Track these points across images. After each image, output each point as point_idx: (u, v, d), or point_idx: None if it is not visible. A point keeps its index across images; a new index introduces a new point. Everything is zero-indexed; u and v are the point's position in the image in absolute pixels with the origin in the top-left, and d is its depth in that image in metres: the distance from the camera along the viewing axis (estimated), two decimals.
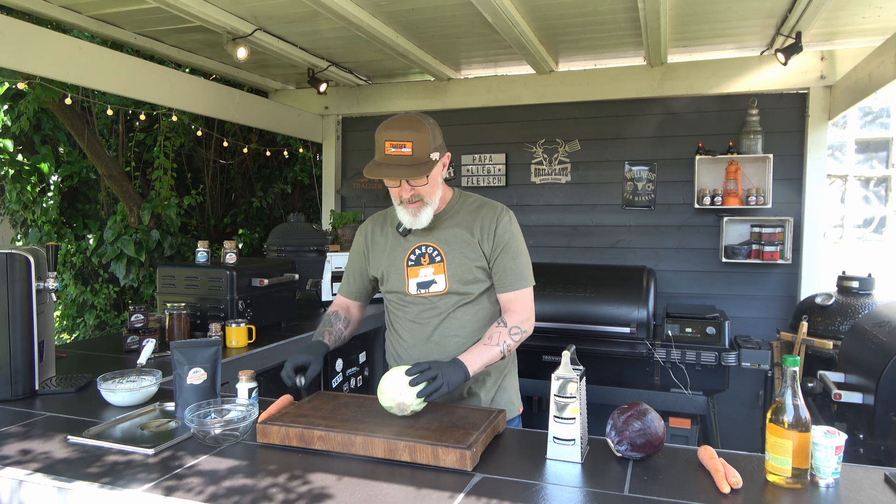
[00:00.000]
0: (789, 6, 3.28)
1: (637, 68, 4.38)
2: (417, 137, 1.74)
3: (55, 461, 1.43)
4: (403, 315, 2.00)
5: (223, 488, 1.30)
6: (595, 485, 1.34)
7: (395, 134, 1.75)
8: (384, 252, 2.00)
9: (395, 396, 1.60)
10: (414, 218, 1.85)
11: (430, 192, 1.84)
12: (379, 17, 3.48)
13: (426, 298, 1.93)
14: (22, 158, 5.29)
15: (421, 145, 1.75)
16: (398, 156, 1.74)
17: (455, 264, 1.90)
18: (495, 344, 1.82)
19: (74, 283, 5.52)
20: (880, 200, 4.74)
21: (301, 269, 3.41)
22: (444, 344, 1.93)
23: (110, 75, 3.48)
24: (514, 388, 2.08)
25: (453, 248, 1.91)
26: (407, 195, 1.82)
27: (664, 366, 3.78)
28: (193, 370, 1.73)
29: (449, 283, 1.90)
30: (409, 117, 1.80)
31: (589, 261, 4.58)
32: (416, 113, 1.84)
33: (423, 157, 1.76)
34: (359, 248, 2.09)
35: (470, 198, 2.01)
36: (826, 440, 1.32)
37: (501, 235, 1.90)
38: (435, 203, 1.88)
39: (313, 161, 5.88)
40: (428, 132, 1.77)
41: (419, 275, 1.92)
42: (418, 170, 1.75)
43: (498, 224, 1.91)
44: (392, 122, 1.79)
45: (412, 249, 1.94)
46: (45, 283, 1.97)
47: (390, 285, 1.99)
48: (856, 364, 2.73)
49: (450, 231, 1.93)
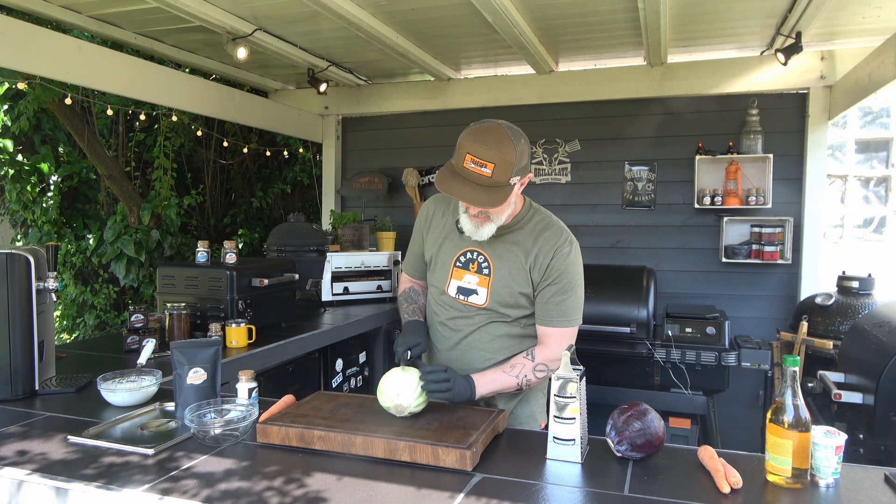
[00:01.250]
0: (789, 6, 3.27)
1: (637, 68, 4.38)
2: (502, 160, 1.60)
3: (55, 461, 1.43)
4: (437, 315, 1.94)
5: (223, 488, 1.30)
6: (595, 485, 1.34)
7: (480, 150, 1.60)
8: (438, 239, 1.92)
9: (393, 398, 1.60)
10: (476, 230, 1.76)
11: (500, 211, 1.74)
12: (379, 17, 3.48)
13: (463, 305, 1.87)
14: (22, 158, 5.29)
15: (503, 169, 1.61)
16: (476, 174, 1.61)
17: (500, 283, 1.82)
18: (515, 375, 1.77)
19: (74, 283, 5.52)
20: (880, 200, 4.74)
21: (301, 269, 3.41)
22: (469, 355, 1.89)
23: (110, 75, 3.48)
24: (538, 403, 2.00)
25: (504, 265, 1.82)
26: (474, 211, 1.73)
27: (664, 366, 3.78)
28: (193, 370, 1.73)
29: (489, 300, 1.83)
30: (501, 131, 1.62)
31: (589, 261, 4.53)
32: (509, 126, 1.66)
33: (501, 181, 1.62)
34: (419, 227, 2.00)
35: (538, 214, 1.89)
36: (826, 440, 1.32)
37: (555, 267, 1.79)
38: (501, 221, 1.77)
39: (313, 161, 5.88)
40: (514, 155, 1.62)
41: (463, 279, 1.86)
42: (492, 196, 1.62)
43: (555, 255, 1.79)
44: (481, 132, 1.63)
45: (464, 251, 1.87)
46: (45, 283, 1.97)
47: (433, 277, 1.94)
48: (856, 364, 2.73)
49: (506, 247, 1.83)
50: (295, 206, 6.36)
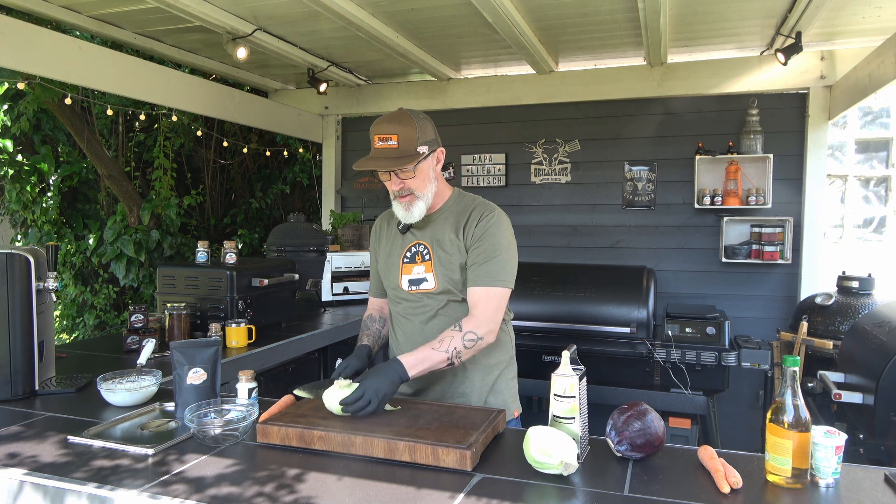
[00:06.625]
0: (789, 6, 3.28)
1: (637, 68, 4.38)
2: (403, 130, 1.78)
3: (55, 461, 1.43)
4: (397, 312, 2.03)
5: (223, 488, 1.30)
6: (595, 485, 1.34)
7: (383, 128, 1.80)
8: (387, 249, 2.03)
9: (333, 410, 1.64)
10: (406, 212, 1.87)
11: (420, 185, 1.85)
12: (379, 17, 3.48)
13: (416, 295, 1.95)
14: (22, 158, 5.29)
15: (407, 138, 1.78)
16: (385, 148, 1.79)
17: (441, 263, 1.90)
18: (444, 350, 1.75)
19: (74, 283, 5.52)
20: (880, 200, 4.74)
21: (301, 269, 3.41)
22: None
23: (110, 75, 3.48)
24: (509, 391, 2.02)
25: (441, 246, 1.91)
26: (396, 188, 1.85)
27: (664, 366, 3.78)
28: (193, 370, 1.73)
29: (438, 282, 1.91)
30: (399, 112, 1.84)
31: (589, 261, 4.58)
32: (409, 109, 1.86)
33: (409, 150, 1.79)
34: (373, 246, 2.14)
35: (466, 198, 1.99)
36: (826, 440, 1.32)
37: (480, 232, 1.87)
38: (427, 198, 1.88)
39: (313, 161, 5.88)
40: (415, 125, 1.80)
41: (412, 272, 1.94)
42: (402, 161, 1.78)
43: (479, 222, 1.88)
44: (382, 117, 1.84)
45: (409, 247, 1.97)
46: (45, 283, 1.97)
47: (388, 281, 2.03)
48: (856, 364, 2.73)
49: (439, 227, 1.94)
50: (295, 207, 6.36)
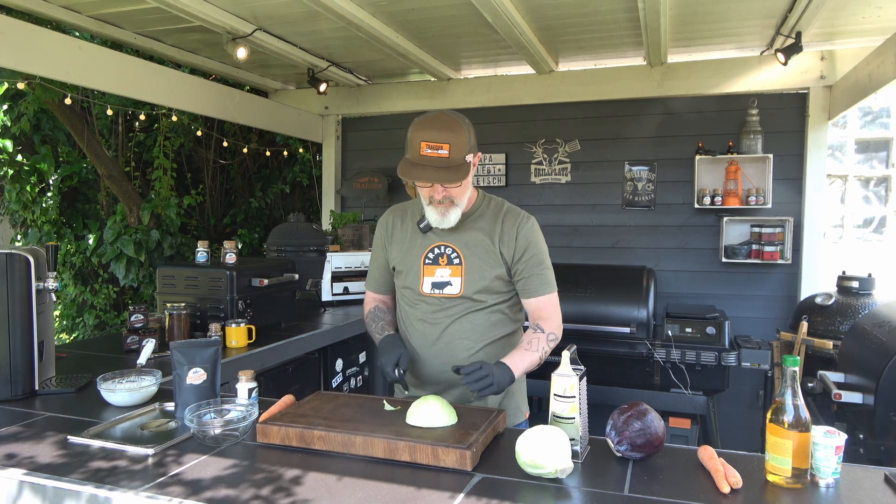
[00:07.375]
0: (789, 6, 3.28)
1: (637, 68, 4.38)
2: (455, 139, 1.71)
3: (55, 461, 1.43)
4: (413, 313, 1.97)
5: (223, 488, 1.30)
6: (595, 485, 1.34)
7: (433, 134, 1.70)
8: (402, 246, 1.98)
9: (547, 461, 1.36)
10: (442, 218, 1.82)
11: (462, 193, 1.82)
12: (379, 17, 3.48)
13: (438, 299, 1.91)
14: (22, 158, 5.29)
15: (458, 147, 1.71)
16: (435, 157, 1.70)
17: (473, 270, 1.87)
18: (535, 350, 1.81)
19: (74, 283, 5.52)
20: (880, 200, 4.74)
21: (301, 269, 3.41)
22: (452, 346, 1.91)
23: (110, 75, 3.48)
24: (521, 394, 2.06)
25: (473, 252, 1.88)
26: (439, 196, 1.79)
27: (664, 366, 3.78)
28: (193, 370, 1.73)
29: (464, 288, 1.88)
30: (447, 116, 1.75)
31: (589, 261, 4.58)
32: (451, 112, 1.79)
33: (459, 160, 1.73)
34: (379, 241, 2.06)
35: (494, 201, 1.97)
36: (826, 440, 1.32)
37: (523, 241, 1.87)
38: (464, 204, 1.85)
39: (313, 161, 5.88)
40: (465, 133, 1.73)
41: (435, 274, 1.90)
42: (455, 173, 1.71)
43: (519, 231, 1.87)
44: (429, 120, 1.74)
45: (431, 248, 1.92)
46: (44, 283, 1.97)
47: (405, 281, 1.97)
48: (856, 364, 2.73)
49: (471, 235, 1.89)
50: (295, 207, 6.36)
